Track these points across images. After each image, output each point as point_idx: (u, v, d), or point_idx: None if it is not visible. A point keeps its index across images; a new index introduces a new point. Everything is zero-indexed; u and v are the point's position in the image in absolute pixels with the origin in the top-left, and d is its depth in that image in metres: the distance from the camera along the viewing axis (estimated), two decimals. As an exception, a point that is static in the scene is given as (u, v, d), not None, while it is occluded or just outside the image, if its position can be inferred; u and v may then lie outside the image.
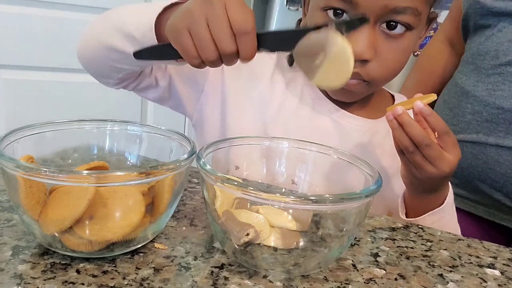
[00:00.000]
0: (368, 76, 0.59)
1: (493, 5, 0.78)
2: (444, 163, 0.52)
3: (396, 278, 0.41)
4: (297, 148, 0.51)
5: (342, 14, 0.57)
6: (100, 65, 0.64)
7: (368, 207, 0.39)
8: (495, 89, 0.76)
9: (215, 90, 0.69)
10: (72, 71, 1.56)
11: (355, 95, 0.65)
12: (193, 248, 0.42)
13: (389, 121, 0.51)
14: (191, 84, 0.69)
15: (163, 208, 0.41)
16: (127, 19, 0.56)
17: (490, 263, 0.46)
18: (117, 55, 0.58)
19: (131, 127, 0.49)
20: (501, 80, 0.76)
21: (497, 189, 0.77)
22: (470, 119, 0.79)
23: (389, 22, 0.56)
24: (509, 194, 0.77)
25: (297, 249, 0.40)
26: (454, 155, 0.53)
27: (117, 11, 0.60)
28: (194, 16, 0.45)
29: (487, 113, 0.77)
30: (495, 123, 0.76)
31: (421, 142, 0.50)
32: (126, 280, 0.36)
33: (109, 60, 0.60)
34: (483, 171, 0.77)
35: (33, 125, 0.43)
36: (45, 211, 0.37)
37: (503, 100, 0.74)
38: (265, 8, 1.82)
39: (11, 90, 1.52)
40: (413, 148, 0.51)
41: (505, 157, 0.75)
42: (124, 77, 0.65)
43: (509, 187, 0.76)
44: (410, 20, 0.56)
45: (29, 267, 0.36)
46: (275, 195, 0.34)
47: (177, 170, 0.39)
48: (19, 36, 1.48)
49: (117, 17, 0.58)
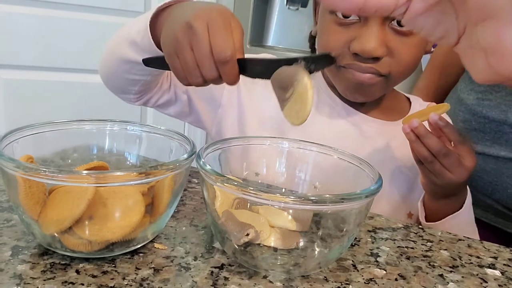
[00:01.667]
0: (384, 69, 0.59)
1: None
2: (461, 169, 0.55)
3: (396, 279, 0.41)
4: (297, 148, 0.51)
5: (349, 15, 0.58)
6: (116, 79, 0.66)
7: (368, 207, 0.39)
8: (484, 99, 0.77)
9: (232, 103, 0.70)
10: (72, 71, 1.56)
11: (371, 93, 0.63)
12: (193, 248, 0.42)
13: (406, 133, 0.55)
14: (209, 99, 0.70)
15: (163, 208, 0.41)
16: (131, 28, 0.58)
17: (491, 263, 0.46)
18: (127, 65, 0.61)
19: (131, 127, 0.49)
20: (489, 90, 0.76)
21: (487, 195, 0.78)
22: (461, 126, 0.80)
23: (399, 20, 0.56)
24: (498, 200, 0.78)
25: (297, 249, 0.40)
26: (470, 162, 0.56)
27: (126, 24, 0.62)
28: (179, 42, 0.47)
29: (475, 122, 0.78)
30: (482, 132, 0.77)
31: (438, 152, 0.53)
32: (126, 280, 0.36)
33: (122, 72, 0.63)
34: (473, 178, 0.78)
35: (32, 125, 0.43)
36: (44, 211, 0.37)
37: (489, 110, 0.75)
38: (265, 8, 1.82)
39: (11, 90, 1.52)
40: (431, 158, 0.54)
41: (491, 165, 0.76)
42: (141, 90, 0.67)
43: (496, 194, 0.77)
44: None
45: (28, 267, 0.36)
46: (275, 195, 0.34)
47: (177, 170, 0.39)
48: (19, 36, 1.48)
49: (125, 29, 0.61)
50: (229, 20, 0.47)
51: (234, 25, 0.48)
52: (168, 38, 0.49)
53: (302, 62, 0.35)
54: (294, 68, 0.35)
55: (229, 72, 0.46)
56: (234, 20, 0.49)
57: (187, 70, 0.48)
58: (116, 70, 0.64)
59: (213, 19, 0.46)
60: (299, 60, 0.35)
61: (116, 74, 0.64)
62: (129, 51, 0.58)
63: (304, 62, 0.35)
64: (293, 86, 0.36)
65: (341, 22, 0.59)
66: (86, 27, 1.54)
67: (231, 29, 0.47)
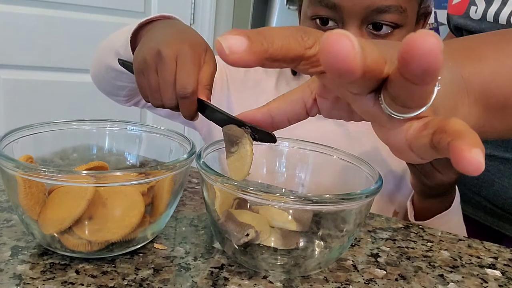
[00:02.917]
0: None
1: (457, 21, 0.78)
2: (452, 170, 0.55)
3: (396, 279, 0.41)
4: (297, 148, 0.51)
5: (328, 21, 0.59)
6: (105, 84, 0.68)
7: (368, 207, 0.39)
8: None
9: (221, 104, 0.70)
10: (72, 71, 1.56)
11: None
12: (193, 248, 0.42)
13: None
14: None
15: (163, 208, 0.41)
16: (116, 39, 0.60)
17: (491, 263, 0.46)
18: (113, 73, 0.63)
19: (131, 127, 0.49)
20: None
21: (475, 192, 0.78)
22: None
23: (374, 23, 0.57)
24: (486, 197, 0.78)
25: (297, 249, 0.40)
26: None
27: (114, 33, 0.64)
28: (147, 64, 0.49)
29: None
30: None
31: None
32: (125, 280, 0.36)
33: (110, 78, 0.65)
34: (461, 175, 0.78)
35: (32, 125, 0.43)
36: (44, 211, 0.37)
37: None
38: (265, 8, 1.82)
39: (10, 90, 1.52)
40: None
41: None
42: (130, 94, 0.68)
43: (483, 191, 0.77)
44: (395, 19, 0.57)
45: (28, 267, 0.36)
46: (275, 195, 0.34)
47: (177, 170, 0.38)
48: (19, 36, 1.48)
49: (112, 38, 0.63)
50: (200, 55, 0.49)
51: (207, 60, 0.49)
52: (139, 57, 0.51)
53: (248, 129, 0.37)
54: (241, 131, 0.38)
55: (187, 107, 0.47)
56: (209, 54, 0.50)
57: (149, 91, 0.50)
58: (104, 76, 0.65)
59: (184, 51, 0.48)
60: (246, 127, 0.37)
61: (105, 79, 0.66)
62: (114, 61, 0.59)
63: (250, 131, 0.37)
64: (238, 146, 0.38)
65: (321, 28, 0.60)
66: (86, 27, 1.54)
67: (200, 65, 0.48)
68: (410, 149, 0.28)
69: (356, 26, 0.57)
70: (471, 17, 0.73)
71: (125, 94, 0.68)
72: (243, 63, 0.24)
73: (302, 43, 0.26)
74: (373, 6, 0.55)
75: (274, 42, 0.25)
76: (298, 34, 0.26)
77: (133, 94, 0.69)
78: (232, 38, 0.24)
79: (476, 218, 0.82)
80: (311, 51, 0.26)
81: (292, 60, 0.26)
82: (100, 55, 0.65)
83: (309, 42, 0.26)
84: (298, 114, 0.36)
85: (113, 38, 0.62)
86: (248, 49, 0.24)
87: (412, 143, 0.28)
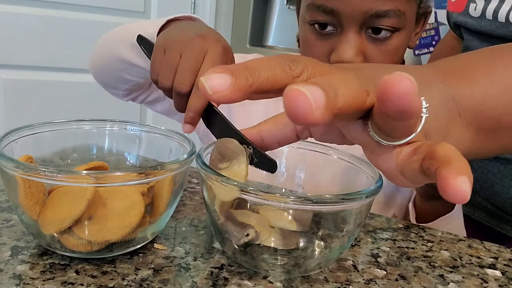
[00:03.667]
0: None
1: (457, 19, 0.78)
2: None
3: (396, 279, 0.41)
4: (297, 148, 0.51)
5: (326, 26, 0.59)
6: (108, 75, 0.68)
7: (368, 207, 0.39)
8: None
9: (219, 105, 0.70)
10: (72, 71, 1.56)
11: None
12: (193, 248, 0.42)
13: None
14: None
15: (163, 209, 0.41)
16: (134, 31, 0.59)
17: (491, 263, 0.46)
18: (123, 65, 0.62)
19: (131, 127, 0.49)
20: None
21: (476, 192, 0.78)
22: None
23: (373, 27, 0.57)
24: (487, 199, 0.78)
25: (297, 249, 0.40)
26: None
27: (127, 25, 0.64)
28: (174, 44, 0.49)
29: None
30: None
31: None
32: (125, 280, 0.36)
33: (117, 70, 0.64)
34: None
35: (32, 125, 0.43)
36: (44, 212, 0.37)
37: None
38: (265, 8, 1.82)
39: (10, 90, 1.52)
40: None
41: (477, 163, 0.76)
42: (131, 89, 0.68)
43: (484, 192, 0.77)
44: (394, 23, 0.57)
45: (28, 267, 0.36)
46: (275, 195, 0.34)
47: (176, 170, 0.38)
48: (19, 36, 1.48)
49: (127, 29, 0.62)
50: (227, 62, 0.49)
51: None
52: (167, 36, 0.50)
53: (250, 149, 0.35)
54: (241, 149, 0.35)
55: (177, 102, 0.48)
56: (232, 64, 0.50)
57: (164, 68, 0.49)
58: (110, 67, 0.64)
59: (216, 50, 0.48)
60: (249, 146, 0.35)
61: (109, 70, 0.65)
62: (129, 53, 0.59)
63: (251, 152, 0.35)
64: (230, 162, 0.36)
65: (319, 32, 0.60)
66: (86, 27, 1.54)
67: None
68: (401, 174, 0.28)
69: (355, 31, 0.57)
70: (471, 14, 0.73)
71: (126, 88, 0.67)
72: (229, 100, 0.23)
73: (290, 72, 0.25)
74: (371, 11, 0.55)
75: (260, 74, 0.24)
76: (285, 63, 0.25)
77: (135, 89, 0.68)
78: (215, 77, 0.23)
79: (476, 218, 0.82)
80: (299, 79, 0.25)
81: (280, 90, 0.25)
82: (108, 47, 0.64)
83: (297, 70, 0.25)
84: (289, 137, 0.35)
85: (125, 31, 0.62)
86: (232, 87, 0.23)
87: (403, 169, 0.27)
